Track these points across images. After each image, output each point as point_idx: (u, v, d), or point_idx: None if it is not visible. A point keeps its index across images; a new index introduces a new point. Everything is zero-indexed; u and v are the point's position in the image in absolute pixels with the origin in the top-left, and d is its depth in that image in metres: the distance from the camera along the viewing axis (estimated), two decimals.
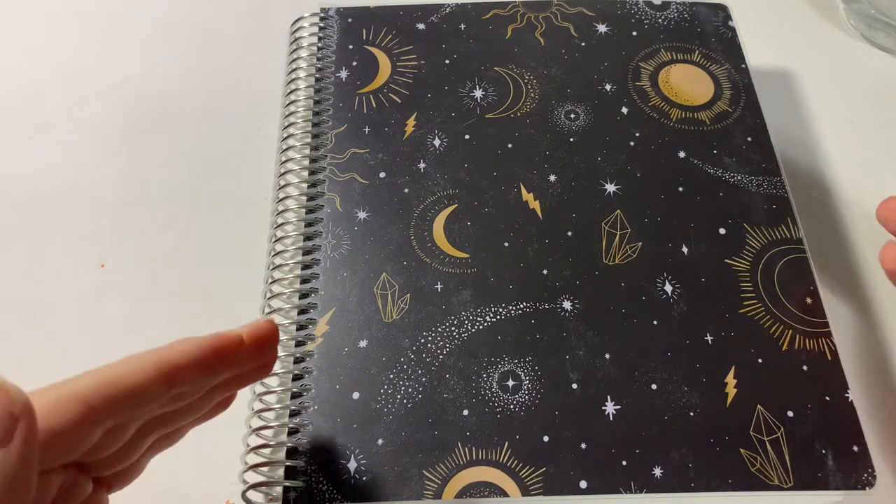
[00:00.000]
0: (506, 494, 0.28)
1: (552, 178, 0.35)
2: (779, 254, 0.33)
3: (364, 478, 0.28)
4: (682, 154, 0.36)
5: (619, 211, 0.34)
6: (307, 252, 0.33)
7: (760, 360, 0.30)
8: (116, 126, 0.42)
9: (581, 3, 0.41)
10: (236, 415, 0.28)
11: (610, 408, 0.29)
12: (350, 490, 0.28)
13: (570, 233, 0.34)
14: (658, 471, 0.28)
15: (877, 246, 0.37)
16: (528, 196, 0.35)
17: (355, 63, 0.39)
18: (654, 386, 0.30)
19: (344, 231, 0.34)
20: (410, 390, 0.30)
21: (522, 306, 0.32)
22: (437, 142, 0.36)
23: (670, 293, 0.32)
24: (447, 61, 0.39)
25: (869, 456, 0.28)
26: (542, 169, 0.35)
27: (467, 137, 0.37)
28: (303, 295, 0.32)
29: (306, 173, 0.36)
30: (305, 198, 0.35)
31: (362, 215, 0.34)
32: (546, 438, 0.29)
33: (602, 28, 0.40)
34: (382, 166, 0.36)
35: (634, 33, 0.40)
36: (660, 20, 0.41)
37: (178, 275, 0.37)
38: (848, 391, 0.30)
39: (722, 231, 0.34)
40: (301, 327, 0.32)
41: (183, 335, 0.22)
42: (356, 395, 0.30)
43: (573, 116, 0.37)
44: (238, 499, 0.28)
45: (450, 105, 0.38)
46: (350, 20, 0.41)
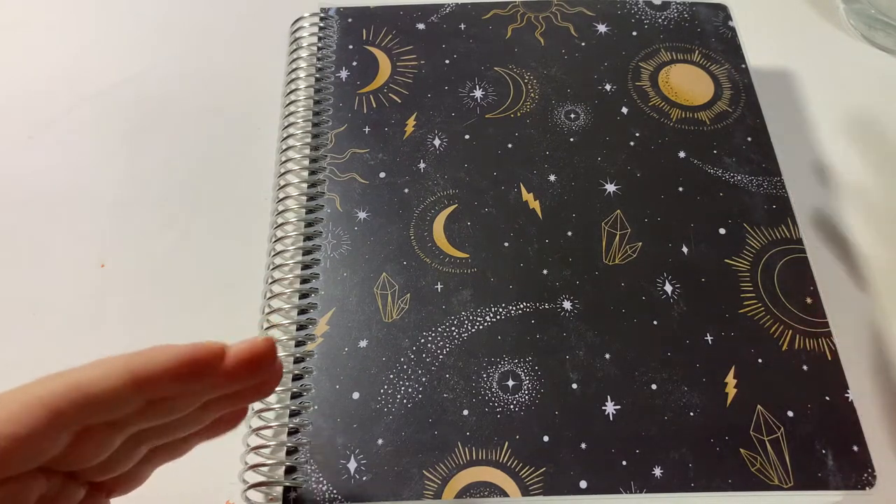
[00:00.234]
0: (506, 494, 0.28)
1: (552, 178, 0.35)
2: (779, 254, 0.33)
3: (364, 478, 0.28)
4: (682, 154, 0.36)
5: (619, 211, 0.34)
6: (307, 252, 0.33)
7: (760, 360, 0.30)
8: (116, 126, 0.42)
9: (581, 3, 0.41)
10: None
11: (610, 408, 0.29)
12: (350, 490, 0.28)
13: (570, 233, 0.34)
14: (658, 471, 0.28)
15: (877, 246, 0.37)
16: (528, 196, 0.35)
17: (355, 63, 0.39)
18: (654, 386, 0.30)
19: (344, 231, 0.34)
20: (410, 390, 0.30)
21: (522, 306, 0.32)
22: (437, 142, 0.36)
23: (670, 293, 0.32)
24: (447, 61, 0.39)
25: (869, 456, 0.28)
26: (542, 169, 0.35)
27: (467, 137, 0.37)
28: (303, 295, 0.32)
29: (306, 173, 0.36)
30: (305, 198, 0.35)
31: (362, 215, 0.34)
32: (546, 438, 0.29)
33: (602, 28, 0.40)
34: (382, 166, 0.36)
35: (634, 33, 0.40)
36: (660, 20, 0.41)
37: (178, 275, 0.37)
38: (848, 391, 0.30)
39: (722, 231, 0.34)
40: (301, 327, 0.32)
41: (183, 335, 0.22)
42: (356, 395, 0.30)
43: (573, 116, 0.37)
44: (238, 499, 0.28)
45: (450, 105, 0.38)
46: (350, 20, 0.41)
